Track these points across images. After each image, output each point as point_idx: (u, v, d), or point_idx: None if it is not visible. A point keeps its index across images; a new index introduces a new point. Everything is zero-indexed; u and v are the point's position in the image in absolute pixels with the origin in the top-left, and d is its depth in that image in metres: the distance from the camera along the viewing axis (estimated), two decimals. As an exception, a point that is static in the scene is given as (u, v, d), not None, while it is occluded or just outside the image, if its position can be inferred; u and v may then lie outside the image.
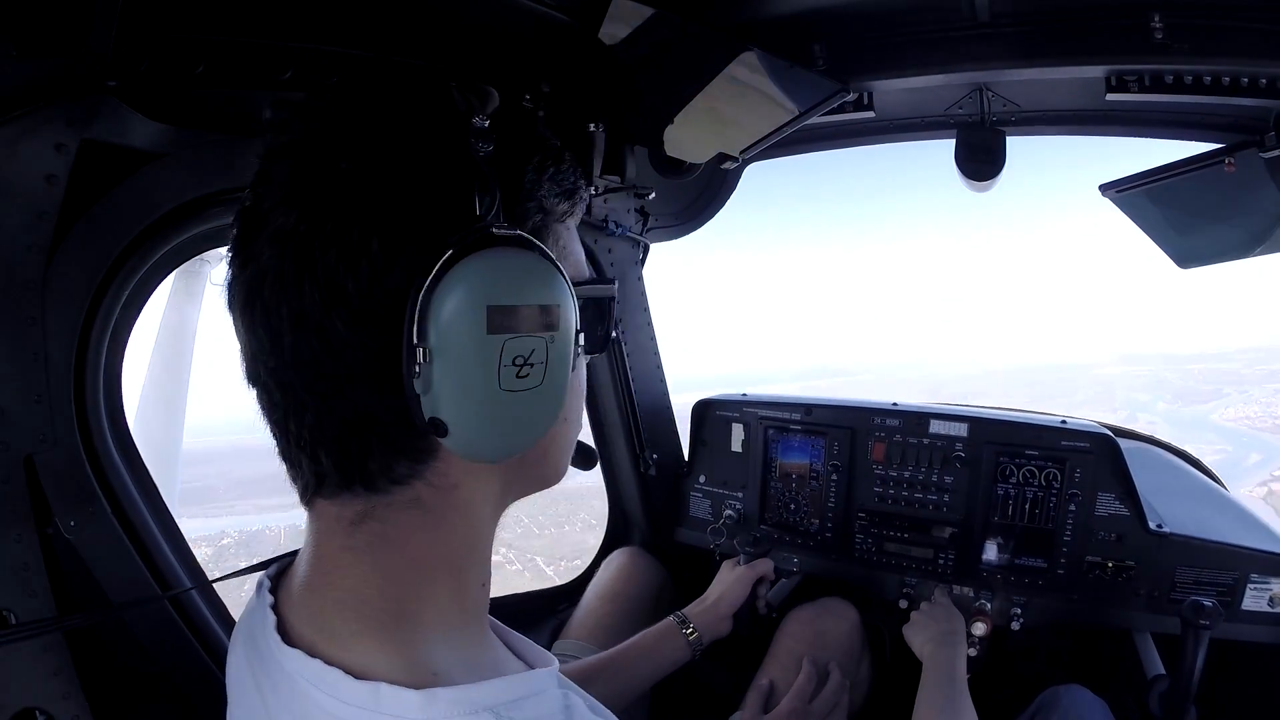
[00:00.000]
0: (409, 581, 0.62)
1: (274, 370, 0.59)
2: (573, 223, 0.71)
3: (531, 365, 0.59)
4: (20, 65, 0.88)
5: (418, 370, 0.56)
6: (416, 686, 0.57)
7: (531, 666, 0.71)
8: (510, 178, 0.62)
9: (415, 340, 0.55)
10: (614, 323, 0.77)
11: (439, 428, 0.58)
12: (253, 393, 0.63)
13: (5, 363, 1.02)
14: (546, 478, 0.73)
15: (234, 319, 0.61)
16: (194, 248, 1.29)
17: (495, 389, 0.58)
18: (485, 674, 0.61)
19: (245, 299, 0.59)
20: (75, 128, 0.98)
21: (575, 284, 0.65)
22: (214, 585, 1.32)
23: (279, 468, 0.65)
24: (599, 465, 2.23)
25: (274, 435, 0.63)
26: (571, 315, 0.63)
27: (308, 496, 0.64)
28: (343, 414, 0.59)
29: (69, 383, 1.12)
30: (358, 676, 0.58)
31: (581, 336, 0.66)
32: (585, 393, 0.75)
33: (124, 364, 1.25)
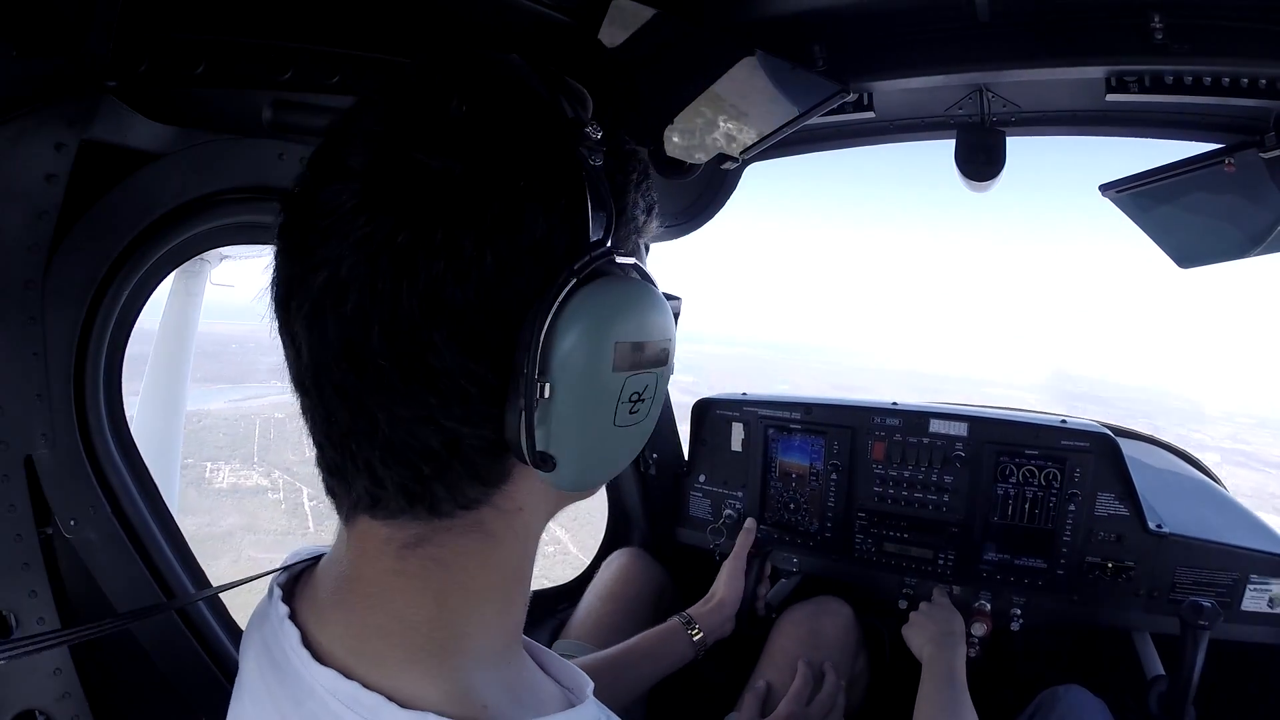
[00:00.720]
0: (460, 608, 0.59)
1: (340, 384, 0.53)
2: (648, 237, 0.67)
3: (644, 401, 0.57)
4: (20, 65, 0.88)
5: (535, 404, 0.52)
6: (469, 714, 0.54)
7: (564, 687, 0.69)
8: (619, 195, 0.58)
9: (537, 373, 0.51)
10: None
11: (547, 461, 0.54)
12: (299, 399, 0.57)
13: (5, 362, 1.02)
14: (589, 491, 0.70)
15: (287, 321, 0.55)
16: (194, 248, 1.28)
17: (610, 426, 0.56)
18: (525, 703, 0.60)
19: (315, 306, 0.52)
20: (75, 128, 0.98)
21: None
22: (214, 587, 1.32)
23: None
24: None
25: (320, 445, 0.58)
26: (674, 346, 0.60)
27: (353, 513, 0.60)
28: (425, 438, 0.53)
29: (69, 382, 1.12)
30: (403, 705, 0.54)
31: None
32: None
33: (124, 364, 1.25)
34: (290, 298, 0.54)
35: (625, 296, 0.55)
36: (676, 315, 0.69)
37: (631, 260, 0.57)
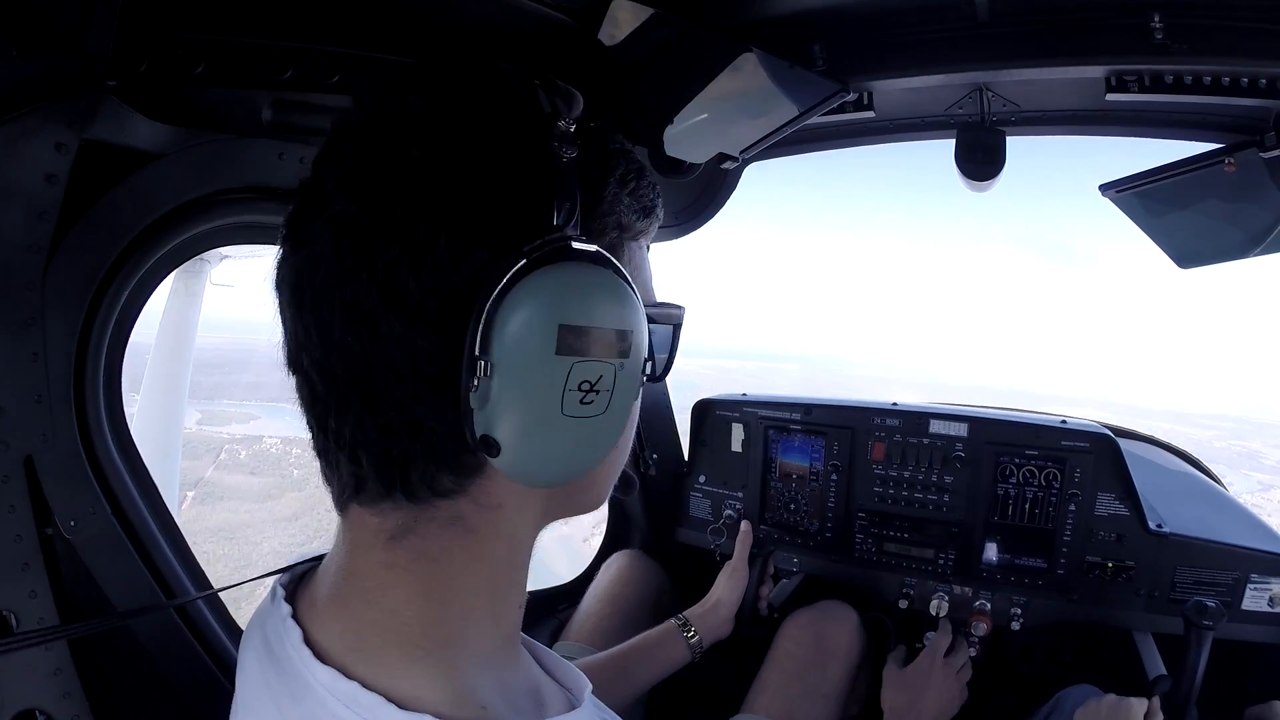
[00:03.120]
0: (450, 604, 0.59)
1: (319, 361, 0.56)
2: (646, 243, 0.67)
3: (597, 392, 0.55)
4: (20, 65, 0.88)
5: (475, 384, 0.52)
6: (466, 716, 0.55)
7: (565, 687, 0.69)
8: (592, 188, 0.59)
9: (477, 352, 0.52)
10: (676, 349, 0.72)
11: (490, 446, 0.54)
12: (293, 380, 0.60)
13: (5, 363, 1.02)
14: (589, 504, 0.70)
15: (280, 301, 0.58)
16: (194, 248, 1.28)
17: (556, 413, 0.54)
18: (522, 707, 0.60)
19: (295, 282, 0.56)
20: (75, 128, 0.98)
21: (649, 305, 0.62)
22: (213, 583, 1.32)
23: None
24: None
25: (311, 429, 0.60)
26: (644, 341, 0.59)
27: (344, 501, 0.61)
28: (388, 416, 0.55)
29: (69, 383, 1.12)
30: (402, 705, 0.55)
31: (648, 364, 0.62)
32: (638, 419, 0.71)
33: (124, 364, 1.25)
34: (281, 278, 0.58)
35: (576, 281, 0.54)
36: (677, 325, 0.70)
37: (593, 247, 0.56)
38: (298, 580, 0.69)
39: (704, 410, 2.22)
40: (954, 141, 1.67)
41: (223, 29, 1.08)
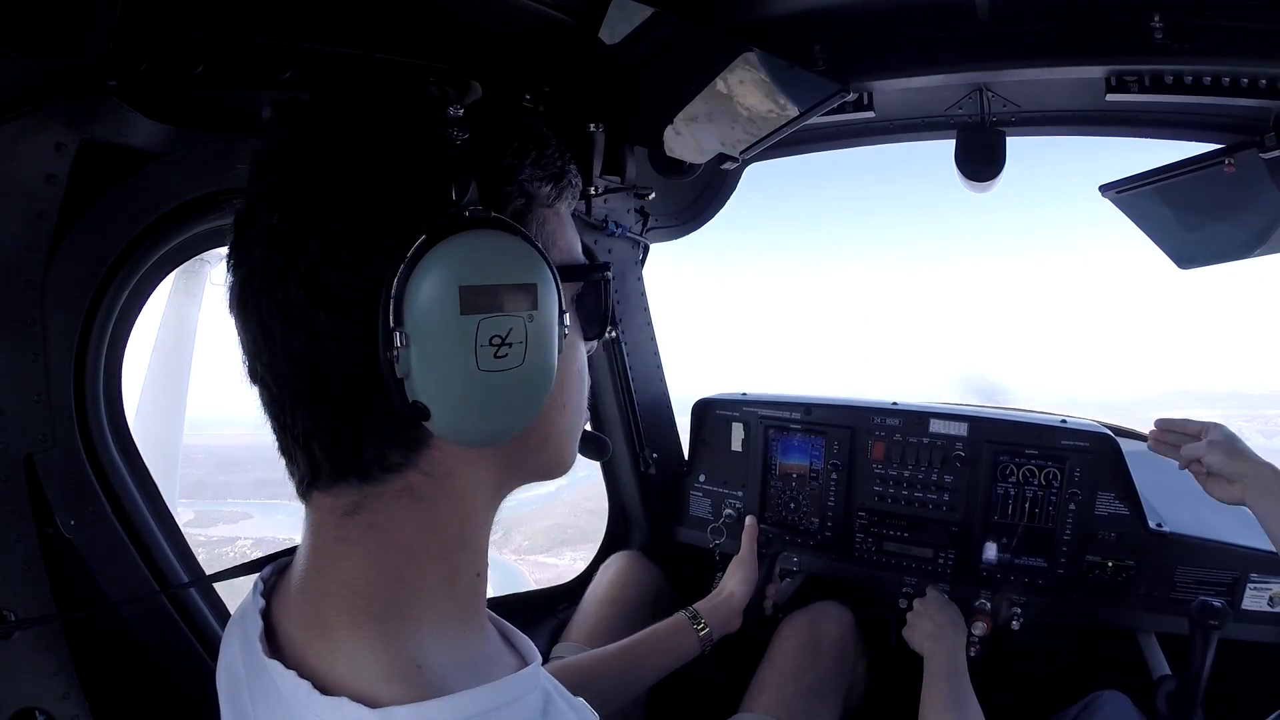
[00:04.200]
0: (399, 570, 0.62)
1: (269, 365, 0.60)
2: (562, 207, 0.70)
3: (510, 345, 0.59)
4: (20, 65, 0.88)
5: (396, 355, 0.56)
6: (399, 675, 0.57)
7: (522, 657, 0.70)
8: (488, 163, 0.62)
9: (392, 324, 0.56)
10: (612, 306, 0.77)
11: (421, 411, 0.58)
12: (254, 391, 0.63)
13: (5, 363, 1.02)
14: (549, 467, 0.72)
15: (234, 318, 0.63)
16: (194, 248, 1.29)
17: (473, 369, 0.58)
18: (478, 669, 0.61)
19: (240, 297, 0.61)
20: (75, 128, 0.98)
21: (565, 267, 0.66)
22: (213, 583, 1.32)
23: None
24: (599, 464, 2.24)
25: (273, 430, 0.64)
26: (553, 295, 0.62)
27: (304, 489, 0.64)
28: (333, 405, 0.59)
29: (69, 383, 1.12)
30: (331, 686, 0.57)
31: (569, 318, 0.66)
32: (587, 380, 0.74)
33: (124, 364, 1.25)
34: (231, 298, 0.63)
35: (472, 245, 0.58)
36: (603, 281, 0.74)
37: (488, 214, 0.60)
38: (279, 573, 0.72)
39: (704, 409, 2.22)
40: (954, 142, 1.67)
41: (222, 29, 1.08)
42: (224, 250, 0.65)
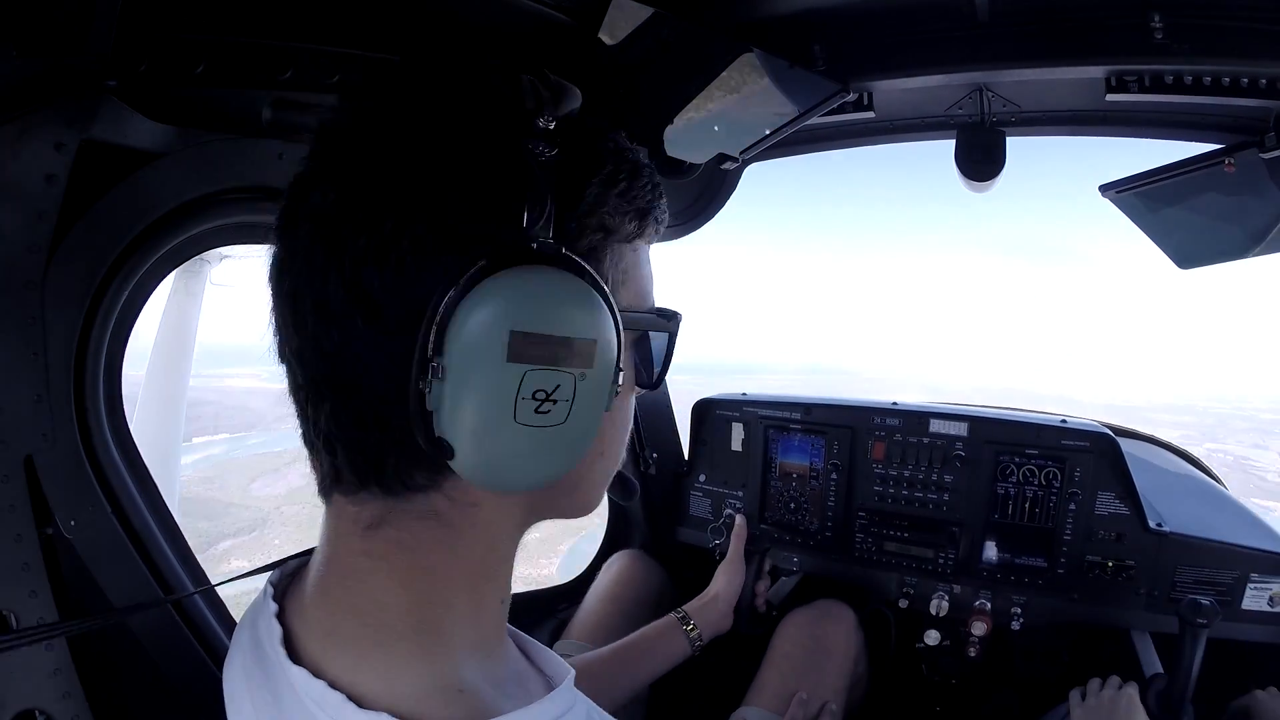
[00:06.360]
0: (427, 592, 0.59)
1: (297, 351, 0.56)
2: (643, 245, 0.64)
3: (555, 402, 0.53)
4: (20, 65, 0.88)
5: (428, 386, 0.51)
6: (443, 698, 0.55)
7: (549, 678, 0.68)
8: (570, 189, 0.56)
9: (430, 352, 0.51)
10: (670, 359, 0.69)
11: (445, 449, 0.53)
12: (281, 369, 0.60)
13: (5, 362, 1.02)
14: (576, 508, 0.68)
15: (269, 289, 0.59)
16: (194, 248, 1.28)
17: (508, 421, 0.52)
18: (507, 690, 0.59)
19: (279, 272, 0.57)
20: (75, 128, 0.98)
21: (634, 312, 0.61)
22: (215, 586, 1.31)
23: None
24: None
25: (297, 416, 0.60)
26: (612, 351, 0.56)
27: (326, 490, 0.61)
28: (358, 413, 0.55)
29: (69, 383, 1.12)
30: (367, 700, 0.55)
31: (627, 373, 0.60)
32: (630, 426, 0.69)
33: (124, 364, 1.25)
34: (270, 268, 0.58)
35: (534, 286, 0.52)
36: (673, 334, 0.67)
37: (558, 249, 0.54)
38: (290, 576, 0.69)
39: (704, 410, 2.22)
40: (954, 142, 1.67)
41: (223, 29, 1.08)
42: (224, 250, 0.63)
